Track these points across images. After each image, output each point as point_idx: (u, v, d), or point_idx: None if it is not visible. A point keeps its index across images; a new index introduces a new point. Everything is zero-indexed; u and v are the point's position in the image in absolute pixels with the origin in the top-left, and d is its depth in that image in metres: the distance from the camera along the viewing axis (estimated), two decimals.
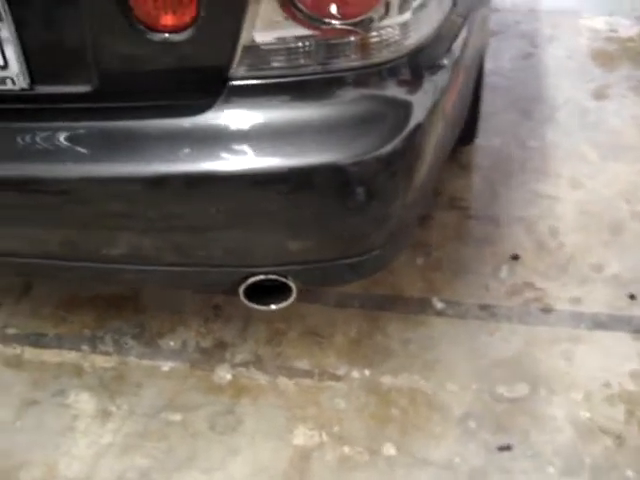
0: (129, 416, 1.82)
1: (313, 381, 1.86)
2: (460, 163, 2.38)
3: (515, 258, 2.08)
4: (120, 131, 1.41)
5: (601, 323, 1.92)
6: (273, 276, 1.55)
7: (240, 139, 1.36)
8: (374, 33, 1.33)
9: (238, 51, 1.30)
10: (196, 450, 1.75)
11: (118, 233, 1.49)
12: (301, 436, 1.75)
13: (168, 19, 1.27)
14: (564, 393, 1.78)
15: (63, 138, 1.42)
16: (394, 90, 1.39)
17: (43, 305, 2.08)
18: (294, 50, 1.32)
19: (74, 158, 1.41)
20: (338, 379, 1.85)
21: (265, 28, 1.30)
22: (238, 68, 1.33)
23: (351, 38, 1.33)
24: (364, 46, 1.34)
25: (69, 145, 1.42)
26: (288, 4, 1.27)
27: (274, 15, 1.28)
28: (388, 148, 1.36)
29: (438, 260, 2.11)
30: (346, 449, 1.72)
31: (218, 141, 1.37)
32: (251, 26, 1.28)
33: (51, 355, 1.97)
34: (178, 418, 1.80)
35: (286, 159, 1.36)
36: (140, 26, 1.28)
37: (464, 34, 1.59)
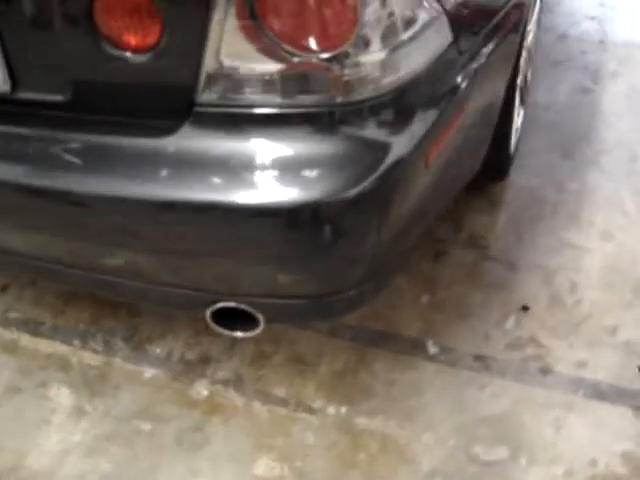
0: (102, 418, 1.79)
1: (287, 410, 1.77)
2: (489, 199, 2.23)
3: (525, 309, 1.93)
4: (89, 144, 1.36)
5: (601, 393, 1.75)
6: (237, 305, 1.48)
7: (202, 167, 1.29)
8: (349, 70, 1.23)
9: (202, 77, 1.23)
10: (159, 463, 1.69)
11: (80, 243, 1.45)
12: (263, 466, 1.67)
13: (131, 39, 1.22)
14: (544, 465, 1.63)
15: (38, 144, 1.40)
16: (369, 130, 1.29)
17: (47, 294, 2.08)
18: (263, 82, 1.24)
19: (44, 164, 1.39)
20: (313, 412, 1.76)
21: (231, 57, 1.22)
22: (204, 94, 1.26)
23: (325, 73, 1.23)
24: (338, 82, 1.24)
25: (42, 151, 1.39)
26: (255, 34, 1.19)
27: (240, 45, 1.20)
28: (358, 189, 1.26)
29: (443, 300, 1.97)
30: None
31: (180, 166, 1.30)
32: (215, 54, 1.21)
33: (44, 345, 1.96)
34: (148, 427, 1.76)
35: (249, 194, 1.28)
36: (105, 43, 1.23)
37: (469, 72, 1.46)
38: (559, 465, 1.63)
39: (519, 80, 2.08)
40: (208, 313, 1.52)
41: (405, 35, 1.29)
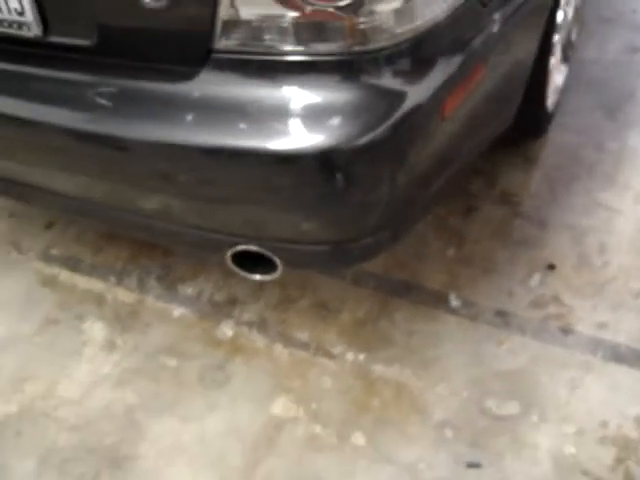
0: (131, 352, 1.84)
1: (307, 354, 1.79)
2: (526, 156, 2.16)
3: (551, 268, 1.88)
4: (113, 87, 1.38)
5: (620, 355, 1.71)
6: (256, 249, 1.49)
7: (219, 112, 1.29)
8: (364, 18, 1.20)
9: (218, 24, 1.23)
10: (180, 397, 1.74)
11: (107, 183, 1.48)
12: (280, 406, 1.70)
13: None
14: (556, 423, 1.61)
15: (67, 86, 1.43)
16: (385, 79, 1.26)
17: (88, 232, 2.13)
18: (279, 30, 1.22)
19: (73, 105, 1.41)
20: (332, 357, 1.78)
21: (246, 4, 1.21)
22: (221, 41, 1.26)
23: (340, 22, 1.21)
24: (354, 31, 1.22)
25: (71, 93, 1.42)
26: None
27: None
28: (371, 136, 1.25)
29: (470, 255, 1.94)
30: (317, 429, 1.65)
31: (197, 111, 1.31)
32: (230, 1, 1.19)
33: (82, 281, 2.02)
34: (173, 363, 1.81)
35: (264, 139, 1.27)
36: None
37: (493, 25, 1.40)
38: (570, 424, 1.60)
39: (557, 37, 2.00)
40: (228, 255, 1.54)
41: None
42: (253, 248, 1.49)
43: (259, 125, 1.27)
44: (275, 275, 1.56)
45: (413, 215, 1.53)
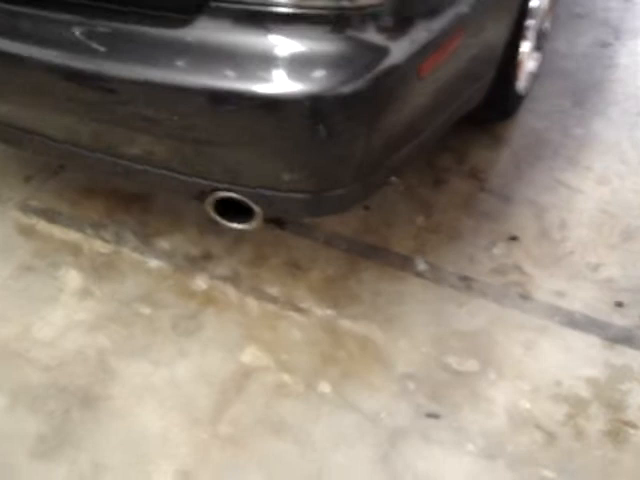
0: (106, 300, 1.89)
1: (277, 308, 1.85)
2: (495, 137, 2.26)
3: (513, 239, 1.98)
4: (109, 29, 1.43)
5: (575, 322, 1.80)
6: (235, 195, 1.55)
7: (213, 57, 1.35)
8: None
9: None
10: (152, 343, 1.79)
11: (99, 123, 1.53)
12: (249, 355, 1.76)
13: None
14: (511, 380, 1.69)
15: (63, 27, 1.47)
16: (369, 34, 1.34)
17: (67, 187, 2.17)
18: None
19: (73, 47, 1.45)
20: (300, 311, 1.84)
21: None
22: None
23: None
24: None
25: (66, 34, 1.46)
26: None
27: None
28: (351, 86, 1.32)
29: (437, 224, 2.03)
30: (286, 377, 1.72)
31: (193, 55, 1.37)
32: None
33: (59, 231, 2.05)
34: (147, 312, 1.86)
35: (252, 84, 1.33)
36: None
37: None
38: (525, 382, 1.69)
39: (532, 22, 2.10)
40: (208, 202, 1.60)
41: None
42: (233, 195, 1.55)
43: (248, 70, 1.34)
44: (253, 225, 1.63)
45: (384, 173, 1.60)
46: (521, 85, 2.19)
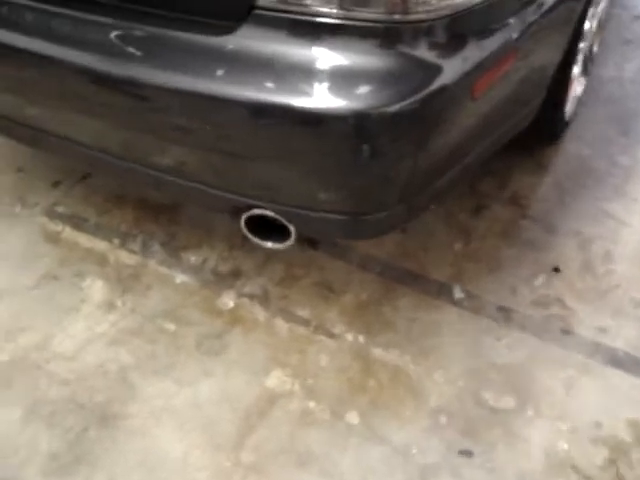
0: (130, 313, 1.83)
1: (307, 331, 1.78)
2: (538, 162, 2.18)
3: (556, 270, 1.89)
4: (154, 36, 1.38)
5: (618, 360, 1.71)
6: (271, 214, 1.49)
7: (256, 68, 1.29)
8: None
9: None
10: (175, 362, 1.73)
11: (133, 131, 1.48)
12: (275, 379, 1.69)
13: None
14: (549, 419, 1.61)
15: (105, 32, 1.42)
16: (421, 51, 1.27)
17: (95, 193, 2.13)
18: None
19: (111, 52, 1.41)
20: (331, 336, 1.77)
21: None
22: None
23: None
24: (395, 0, 1.23)
25: (111, 39, 1.41)
26: None
27: None
28: (398, 105, 1.25)
29: (476, 251, 1.95)
30: (312, 404, 1.65)
31: (235, 65, 1.31)
32: None
33: (85, 240, 2.01)
34: (171, 328, 1.80)
35: (295, 98, 1.27)
36: None
37: (526, 19, 1.42)
38: (564, 422, 1.60)
39: (581, 45, 2.02)
40: (243, 219, 1.54)
41: None
42: (268, 213, 1.49)
43: (292, 83, 1.28)
44: (287, 244, 1.57)
45: (428, 197, 1.53)
46: (568, 110, 2.11)
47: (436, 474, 1.53)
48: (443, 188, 1.56)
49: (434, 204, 1.63)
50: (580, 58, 2.12)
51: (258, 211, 1.50)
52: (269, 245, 1.59)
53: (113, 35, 1.40)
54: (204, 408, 1.65)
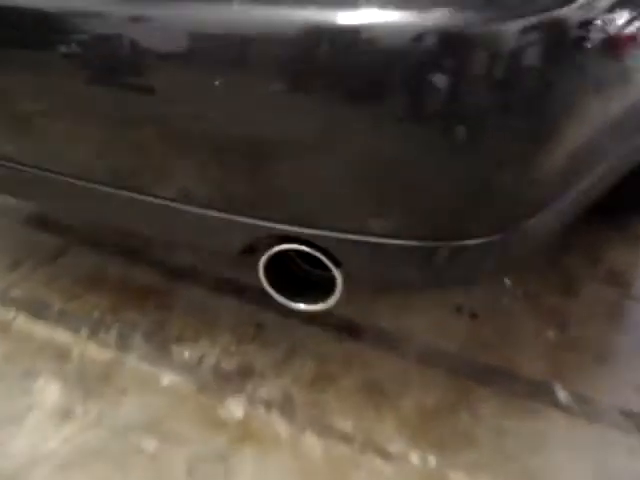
0: (93, 425, 1.25)
1: (351, 450, 1.20)
2: (631, 234, 1.69)
3: None
4: None
5: None
6: (305, 248, 0.96)
7: None
8: None
9: None
10: None
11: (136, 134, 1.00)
12: None
13: None
14: None
15: None
16: None
17: (65, 275, 1.60)
18: None
19: None
20: (386, 456, 1.18)
21: None
22: None
23: None
24: None
25: None
26: None
27: None
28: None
29: (576, 339, 1.40)
30: None
31: None
32: None
33: (43, 330, 1.45)
34: (152, 446, 1.21)
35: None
36: None
37: None
38: None
39: None
40: (263, 263, 1.01)
41: None
42: (303, 248, 0.97)
43: None
44: (328, 303, 1.03)
45: (544, 226, 1.01)
46: None
47: None
48: (563, 216, 1.04)
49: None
50: None
51: (287, 246, 0.97)
52: (301, 307, 1.05)
53: None
54: None
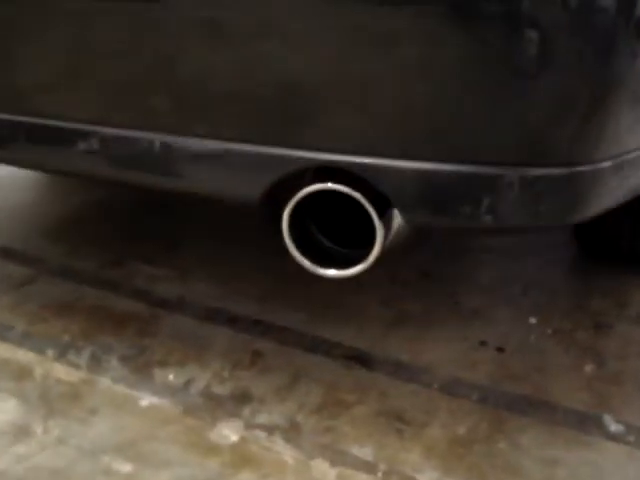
0: (54, 444, 0.99)
1: (372, 479, 0.97)
2: None
3: None
4: None
5: None
6: (345, 189, 0.79)
7: None
8: None
9: None
10: None
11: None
12: None
13: None
14: None
15: None
16: None
17: (29, 302, 1.37)
18: None
19: None
20: None
21: None
22: None
23: None
24: None
25: None
26: None
27: None
28: None
29: (617, 373, 1.20)
30: None
31: None
32: None
33: (3, 349, 1.21)
34: (126, 469, 0.95)
35: None
36: None
37: None
38: None
39: None
40: (289, 209, 0.82)
41: None
42: (341, 188, 0.79)
43: None
44: (367, 262, 0.83)
45: (610, 174, 0.84)
46: None
47: None
48: (629, 181, 0.88)
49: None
50: None
51: (321, 185, 0.79)
52: (332, 273, 0.86)
53: None
54: None
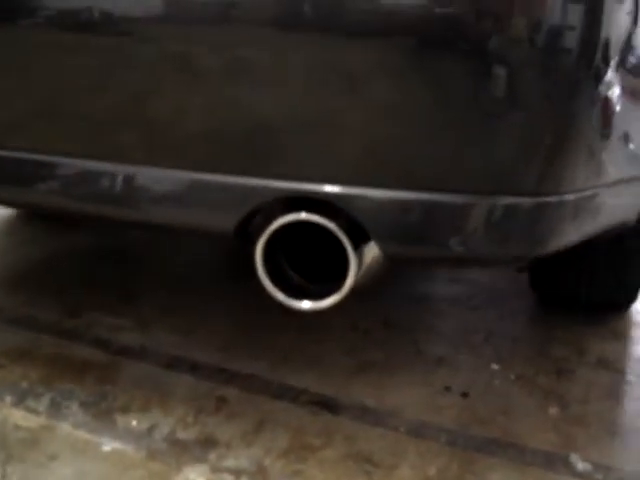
0: None
1: None
2: (612, 330, 1.54)
3: None
4: None
5: None
6: (320, 220, 0.77)
7: None
8: None
9: None
10: None
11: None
12: None
13: None
14: None
15: None
16: None
17: None
18: None
19: None
20: None
21: None
22: None
23: None
24: None
25: None
26: None
27: None
28: None
29: (582, 415, 1.18)
30: None
31: None
32: None
33: None
34: None
35: None
36: None
37: None
38: None
39: None
40: (263, 238, 0.80)
41: None
42: (316, 218, 0.78)
43: None
44: (341, 292, 0.82)
45: (585, 204, 0.86)
46: None
47: None
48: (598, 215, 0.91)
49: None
50: None
51: (294, 216, 0.78)
52: (305, 306, 0.84)
53: None
54: None
